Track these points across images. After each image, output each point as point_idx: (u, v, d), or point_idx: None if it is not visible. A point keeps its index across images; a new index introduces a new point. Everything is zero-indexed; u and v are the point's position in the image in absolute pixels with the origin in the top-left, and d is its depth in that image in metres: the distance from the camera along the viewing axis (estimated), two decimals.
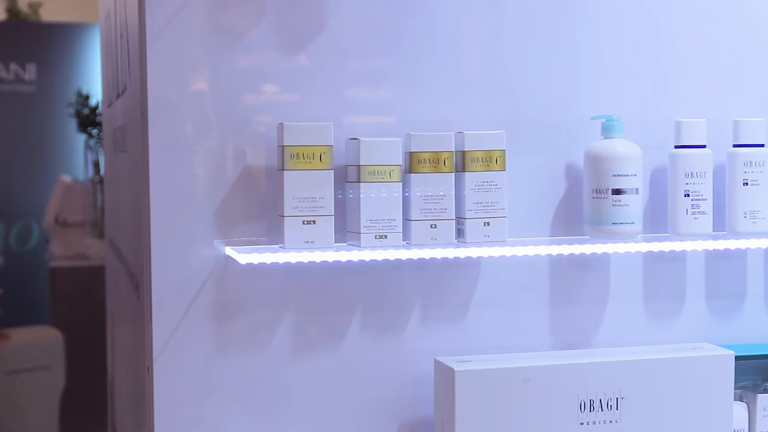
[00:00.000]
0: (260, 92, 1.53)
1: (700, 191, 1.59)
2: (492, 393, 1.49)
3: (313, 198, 1.46)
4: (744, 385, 1.65)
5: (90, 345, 3.72)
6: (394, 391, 1.58)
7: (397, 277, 1.58)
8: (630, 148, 1.57)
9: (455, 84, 1.59)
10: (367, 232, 1.48)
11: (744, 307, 1.71)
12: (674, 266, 1.68)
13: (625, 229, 1.56)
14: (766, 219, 1.62)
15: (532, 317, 1.63)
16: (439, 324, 1.60)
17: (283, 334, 1.55)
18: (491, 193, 1.53)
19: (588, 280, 1.65)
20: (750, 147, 1.62)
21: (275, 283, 1.54)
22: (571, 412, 1.51)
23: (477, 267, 1.61)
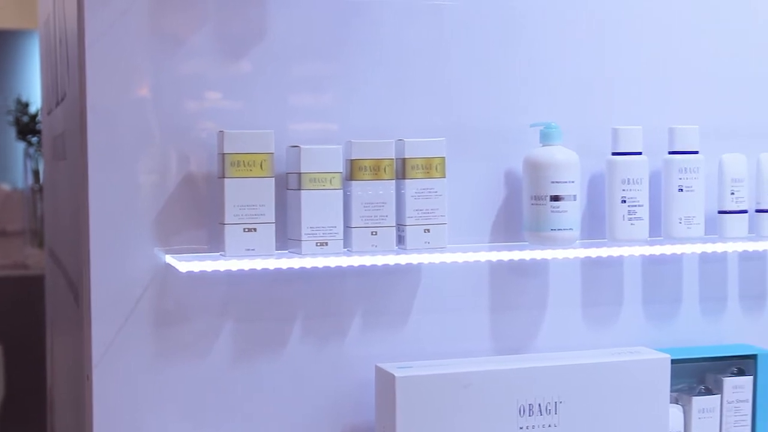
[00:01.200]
0: (202, 99, 1.53)
1: (637, 197, 1.62)
2: (432, 399, 1.50)
3: (254, 205, 1.46)
4: (680, 388, 1.67)
5: (30, 354, 3.67)
6: (336, 397, 1.59)
7: (339, 284, 1.58)
8: (568, 155, 1.59)
9: (396, 91, 1.60)
10: (308, 240, 1.48)
11: (680, 311, 1.74)
12: (611, 271, 1.71)
13: (563, 235, 1.58)
14: (701, 224, 1.65)
15: (472, 323, 1.65)
16: (380, 330, 1.61)
17: (224, 341, 1.54)
18: (431, 200, 1.54)
19: (527, 285, 1.67)
20: (685, 154, 1.65)
21: (216, 290, 1.53)
22: (510, 416, 1.53)
23: (418, 273, 1.62)
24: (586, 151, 1.64)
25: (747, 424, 1.68)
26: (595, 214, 1.67)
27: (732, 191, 1.67)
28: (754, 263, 1.78)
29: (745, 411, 1.67)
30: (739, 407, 1.67)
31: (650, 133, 1.65)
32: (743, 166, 1.68)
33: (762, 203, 1.69)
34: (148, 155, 1.50)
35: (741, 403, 1.67)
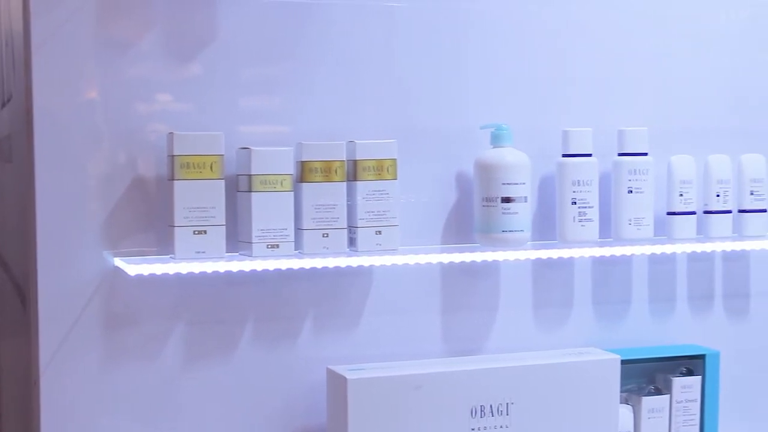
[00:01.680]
0: (151, 101, 1.51)
1: (587, 199, 1.63)
2: (384, 401, 1.49)
3: (204, 208, 1.45)
4: (629, 388, 1.69)
5: None
6: (287, 400, 1.58)
7: (290, 287, 1.58)
8: (519, 157, 1.60)
9: (347, 93, 1.60)
10: (259, 242, 1.47)
11: (629, 312, 1.76)
12: (562, 273, 1.72)
13: (514, 237, 1.58)
14: (650, 226, 1.66)
15: (423, 324, 1.65)
16: (332, 333, 1.60)
17: (174, 344, 1.53)
18: (383, 202, 1.53)
19: (479, 287, 1.67)
20: (634, 156, 1.66)
21: (166, 293, 1.52)
22: (462, 418, 1.53)
23: (369, 275, 1.61)
24: (537, 153, 1.64)
25: (695, 423, 1.69)
26: (545, 216, 1.68)
27: (680, 193, 1.69)
28: (702, 264, 1.80)
29: (694, 411, 1.69)
30: (687, 407, 1.69)
31: (600, 135, 1.66)
32: (691, 168, 1.70)
33: (710, 205, 1.71)
34: (96, 158, 1.49)
35: (690, 403, 1.69)
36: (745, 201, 1.73)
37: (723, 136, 1.78)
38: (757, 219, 1.73)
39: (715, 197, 1.71)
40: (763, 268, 1.83)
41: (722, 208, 1.71)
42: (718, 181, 1.71)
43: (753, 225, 1.73)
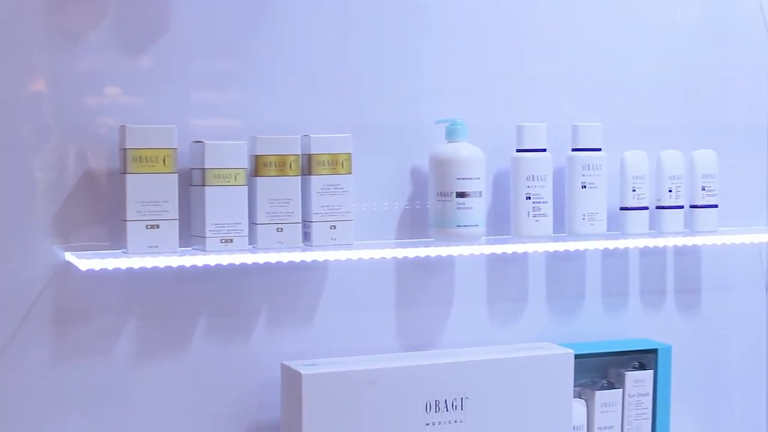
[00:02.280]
0: (102, 94, 1.49)
1: (541, 194, 1.63)
2: (339, 396, 1.49)
3: (157, 202, 1.43)
4: (583, 382, 1.69)
5: None
6: (242, 395, 1.57)
7: (244, 281, 1.56)
8: (473, 152, 1.59)
9: (301, 87, 1.59)
10: (213, 237, 1.46)
11: (583, 306, 1.76)
12: (516, 268, 1.72)
13: (469, 232, 1.58)
14: (604, 221, 1.67)
15: (378, 319, 1.64)
16: (286, 328, 1.59)
17: (126, 340, 1.51)
18: (337, 197, 1.53)
19: (433, 282, 1.67)
20: (588, 151, 1.67)
21: (118, 288, 1.50)
22: (417, 413, 1.52)
23: (324, 270, 1.61)
24: (492, 148, 1.65)
25: (648, 417, 1.70)
26: (500, 211, 1.68)
27: (633, 188, 1.69)
28: (654, 259, 1.81)
29: (646, 405, 1.70)
30: (640, 401, 1.70)
31: (554, 131, 1.67)
32: (644, 164, 1.71)
33: (662, 200, 1.72)
34: (45, 151, 1.47)
35: (642, 397, 1.70)
36: (696, 196, 1.74)
37: (675, 132, 1.80)
38: (708, 214, 1.74)
39: (668, 193, 1.72)
40: (714, 264, 1.85)
41: (674, 203, 1.72)
42: (671, 177, 1.72)
43: (704, 220, 1.74)
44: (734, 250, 1.85)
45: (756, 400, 1.89)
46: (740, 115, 1.86)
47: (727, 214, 1.79)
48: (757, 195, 1.87)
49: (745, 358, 1.88)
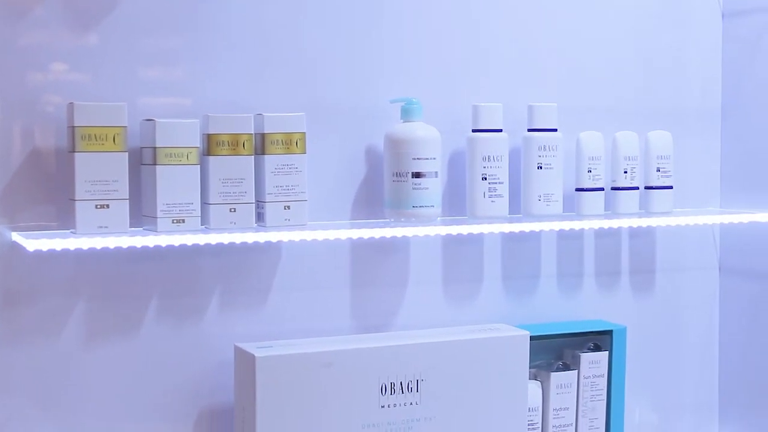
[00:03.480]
0: (48, 71, 1.46)
1: (497, 174, 1.62)
2: (293, 378, 1.47)
3: (107, 181, 1.40)
4: (538, 364, 1.69)
5: None
6: (194, 378, 1.54)
7: (196, 263, 1.54)
8: (429, 132, 1.58)
9: (254, 65, 1.56)
10: (164, 217, 1.43)
11: (538, 287, 1.76)
12: (472, 248, 1.71)
13: (424, 212, 1.56)
14: (559, 202, 1.66)
15: (333, 301, 1.62)
16: (240, 309, 1.57)
17: (75, 322, 1.48)
18: (291, 177, 1.50)
19: (388, 263, 1.66)
20: (544, 131, 1.66)
21: (67, 269, 1.47)
22: (372, 395, 1.51)
23: (278, 251, 1.58)
24: (447, 128, 1.63)
25: (602, 398, 1.70)
26: (455, 192, 1.67)
27: (589, 169, 1.69)
28: (609, 240, 1.81)
29: (601, 386, 1.70)
30: (595, 382, 1.70)
31: (510, 111, 1.65)
32: (600, 144, 1.70)
33: (617, 181, 1.72)
34: None
35: (597, 378, 1.70)
36: (651, 178, 1.74)
37: (631, 113, 1.80)
38: (663, 196, 1.74)
39: (623, 174, 1.72)
40: (669, 245, 1.85)
41: (629, 184, 1.72)
42: (626, 158, 1.72)
43: (659, 202, 1.74)
44: (688, 232, 1.85)
45: (709, 380, 1.90)
46: (694, 97, 1.86)
47: (681, 195, 1.79)
48: (710, 176, 1.88)
49: (699, 338, 1.89)
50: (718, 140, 1.88)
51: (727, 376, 1.89)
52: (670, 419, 1.87)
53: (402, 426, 1.53)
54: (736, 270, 1.87)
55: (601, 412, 1.70)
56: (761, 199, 1.80)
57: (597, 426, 1.70)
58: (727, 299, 1.88)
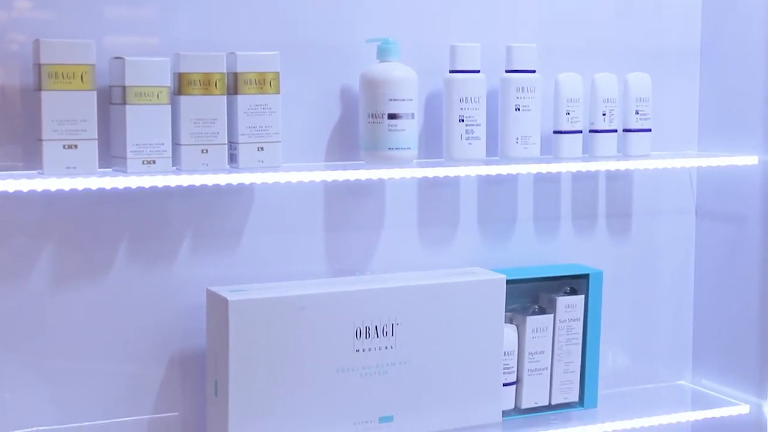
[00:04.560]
0: (11, 8, 1.41)
1: (474, 116, 1.59)
2: (267, 322, 1.45)
3: (74, 121, 1.37)
4: (514, 308, 1.68)
5: None
6: (165, 322, 1.52)
7: (167, 205, 1.51)
8: (406, 72, 1.55)
9: (226, 2, 1.52)
10: (134, 158, 1.40)
11: (514, 231, 1.74)
12: (448, 191, 1.69)
13: (400, 155, 1.54)
14: (537, 144, 1.64)
15: (307, 244, 1.60)
16: (212, 252, 1.54)
17: (44, 265, 1.45)
18: (265, 117, 1.47)
19: (363, 206, 1.64)
20: (522, 73, 1.63)
21: (34, 211, 1.44)
22: (347, 339, 1.50)
23: (250, 193, 1.56)
24: (424, 69, 1.60)
25: (578, 342, 1.70)
26: (432, 134, 1.65)
27: (567, 111, 1.67)
28: (586, 183, 1.79)
29: (577, 330, 1.69)
30: (571, 326, 1.69)
31: (488, 52, 1.62)
32: (578, 86, 1.68)
33: (596, 123, 1.70)
34: None
35: (573, 322, 1.69)
36: (630, 120, 1.72)
37: (610, 55, 1.77)
38: (641, 139, 1.72)
39: (602, 116, 1.70)
40: (646, 188, 1.84)
41: (608, 127, 1.70)
42: (605, 100, 1.70)
43: (637, 144, 1.72)
44: (665, 175, 1.84)
45: (684, 324, 1.90)
46: (673, 39, 1.84)
47: (659, 138, 1.77)
48: (688, 119, 1.86)
49: (674, 282, 1.88)
50: (696, 82, 1.86)
51: (702, 320, 1.89)
52: (645, 363, 1.87)
53: (377, 370, 1.52)
54: (712, 213, 1.86)
55: (577, 356, 1.70)
56: (739, 142, 1.78)
57: (572, 370, 1.70)
58: (703, 243, 1.87)
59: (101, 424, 1.51)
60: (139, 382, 1.52)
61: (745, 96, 1.77)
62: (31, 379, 1.47)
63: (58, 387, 1.48)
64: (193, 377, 1.54)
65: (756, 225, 1.77)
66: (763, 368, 1.77)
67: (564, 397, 1.70)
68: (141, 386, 1.53)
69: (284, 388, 1.46)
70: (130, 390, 1.52)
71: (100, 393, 1.50)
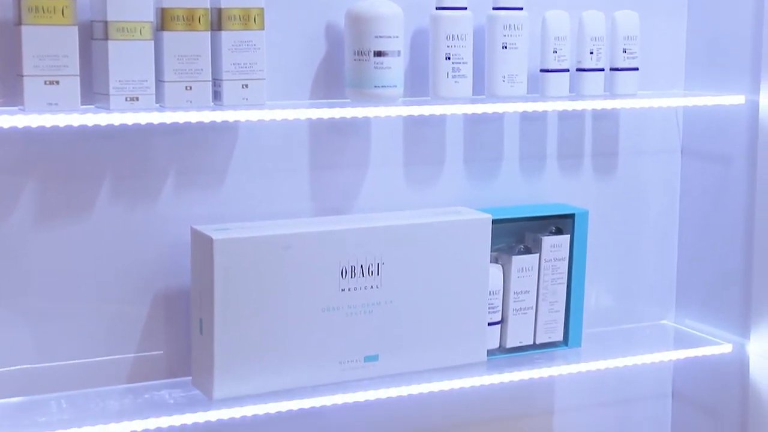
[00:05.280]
0: None
1: (461, 54, 1.57)
2: (252, 262, 1.44)
3: (56, 56, 1.34)
4: (499, 247, 1.67)
5: None
6: (149, 260, 1.51)
7: (150, 142, 1.49)
8: (392, 9, 1.53)
9: None
10: (117, 94, 1.38)
11: (500, 170, 1.73)
12: (434, 130, 1.68)
13: (386, 93, 1.52)
14: (524, 83, 1.63)
15: (291, 183, 1.59)
16: (196, 191, 1.53)
17: (25, 203, 1.44)
18: (249, 54, 1.45)
19: (349, 144, 1.62)
20: (509, 10, 1.61)
21: (15, 148, 1.42)
22: (332, 278, 1.49)
23: (235, 131, 1.54)
24: (410, 5, 1.58)
25: (563, 282, 1.70)
26: (418, 72, 1.63)
27: (554, 50, 1.65)
28: (573, 122, 1.78)
29: (562, 269, 1.69)
30: (556, 265, 1.69)
31: None
32: (566, 24, 1.66)
33: (583, 62, 1.68)
34: None
35: (558, 262, 1.69)
36: (617, 59, 1.71)
37: None
38: (628, 77, 1.71)
39: (589, 55, 1.68)
40: (633, 127, 1.83)
41: (595, 65, 1.69)
42: (592, 39, 1.68)
43: (624, 83, 1.71)
44: (652, 114, 1.83)
45: (668, 263, 1.90)
46: None
47: (645, 77, 1.76)
48: (675, 58, 1.85)
49: (659, 221, 1.88)
50: (684, 21, 1.84)
51: (686, 259, 1.89)
52: (629, 303, 1.88)
53: (362, 309, 1.51)
54: (698, 153, 1.85)
55: (562, 295, 1.70)
56: (726, 81, 1.77)
57: (557, 309, 1.70)
58: (689, 183, 1.87)
59: (85, 362, 1.50)
60: (123, 320, 1.52)
61: (733, 35, 1.76)
62: (14, 319, 1.46)
63: (41, 326, 1.47)
64: (177, 315, 1.54)
65: (741, 165, 1.77)
66: (745, 307, 1.78)
67: (548, 337, 1.71)
68: (125, 325, 1.52)
69: (269, 327, 1.46)
70: (114, 329, 1.51)
71: (83, 332, 1.50)
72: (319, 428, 1.65)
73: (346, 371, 1.52)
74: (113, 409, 1.45)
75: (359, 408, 1.60)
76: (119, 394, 1.50)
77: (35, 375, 1.47)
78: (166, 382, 1.54)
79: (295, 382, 1.49)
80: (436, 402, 1.67)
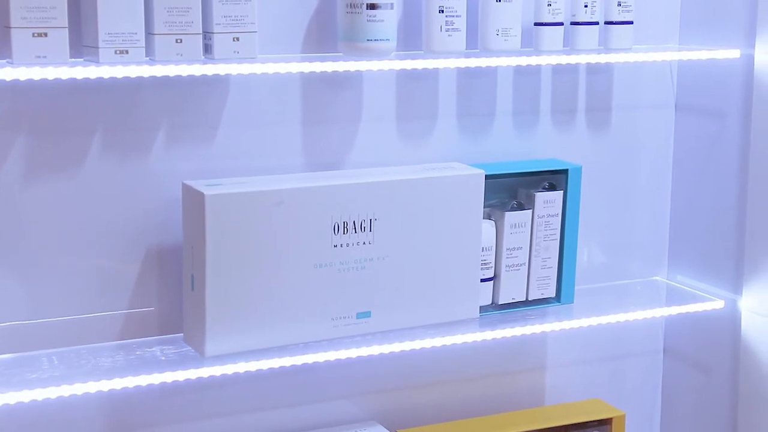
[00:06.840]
0: None
1: (455, 7, 1.55)
2: (244, 217, 1.43)
3: (44, 7, 1.32)
4: (492, 203, 1.66)
5: None
6: (140, 216, 1.50)
7: (141, 96, 1.47)
8: None
9: None
10: (106, 47, 1.36)
11: (493, 125, 1.72)
12: (427, 85, 1.66)
13: (379, 46, 1.50)
14: (518, 37, 1.61)
15: (283, 137, 1.57)
16: (187, 145, 1.51)
17: (14, 158, 1.42)
18: (240, 6, 1.43)
19: (341, 98, 1.60)
20: None
21: (3, 102, 1.40)
22: (325, 234, 1.48)
23: (226, 85, 1.52)
24: None
25: (556, 238, 1.69)
26: (411, 25, 1.61)
27: (549, 3, 1.63)
28: (567, 77, 1.77)
29: (555, 225, 1.68)
30: (549, 222, 1.68)
31: None
32: None
33: (577, 15, 1.67)
34: None
35: (551, 218, 1.68)
36: (612, 13, 1.69)
37: None
38: (623, 31, 1.69)
39: (583, 8, 1.66)
40: (627, 82, 1.82)
41: (590, 19, 1.67)
42: None
43: (619, 37, 1.69)
44: (646, 68, 1.82)
45: (660, 220, 1.89)
46: None
47: (639, 31, 1.74)
48: (669, 12, 1.83)
49: (652, 177, 1.87)
50: None
51: (679, 215, 1.88)
52: (621, 259, 1.87)
53: (354, 265, 1.51)
54: (692, 108, 1.84)
55: (554, 251, 1.69)
56: (720, 35, 1.76)
57: (549, 266, 1.69)
58: (682, 138, 1.86)
59: (76, 318, 1.49)
60: (114, 276, 1.50)
61: None
62: (4, 275, 1.44)
63: (31, 282, 1.46)
64: (169, 272, 1.53)
65: (736, 120, 1.76)
66: (738, 263, 1.78)
67: (541, 293, 1.70)
68: (116, 281, 1.51)
69: (261, 283, 1.45)
70: (105, 285, 1.50)
71: (74, 288, 1.48)
72: (311, 384, 1.65)
73: (338, 328, 1.51)
74: (105, 365, 1.44)
75: (351, 364, 1.59)
76: (111, 351, 1.49)
77: (26, 331, 1.46)
78: (157, 339, 1.53)
79: (287, 338, 1.48)
80: (428, 358, 1.67)
